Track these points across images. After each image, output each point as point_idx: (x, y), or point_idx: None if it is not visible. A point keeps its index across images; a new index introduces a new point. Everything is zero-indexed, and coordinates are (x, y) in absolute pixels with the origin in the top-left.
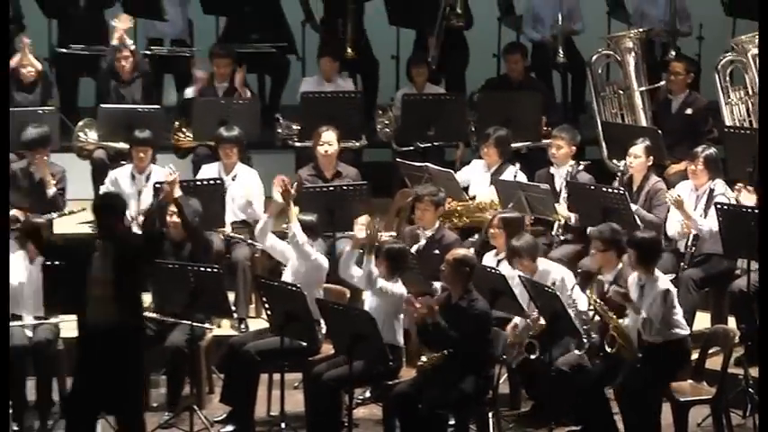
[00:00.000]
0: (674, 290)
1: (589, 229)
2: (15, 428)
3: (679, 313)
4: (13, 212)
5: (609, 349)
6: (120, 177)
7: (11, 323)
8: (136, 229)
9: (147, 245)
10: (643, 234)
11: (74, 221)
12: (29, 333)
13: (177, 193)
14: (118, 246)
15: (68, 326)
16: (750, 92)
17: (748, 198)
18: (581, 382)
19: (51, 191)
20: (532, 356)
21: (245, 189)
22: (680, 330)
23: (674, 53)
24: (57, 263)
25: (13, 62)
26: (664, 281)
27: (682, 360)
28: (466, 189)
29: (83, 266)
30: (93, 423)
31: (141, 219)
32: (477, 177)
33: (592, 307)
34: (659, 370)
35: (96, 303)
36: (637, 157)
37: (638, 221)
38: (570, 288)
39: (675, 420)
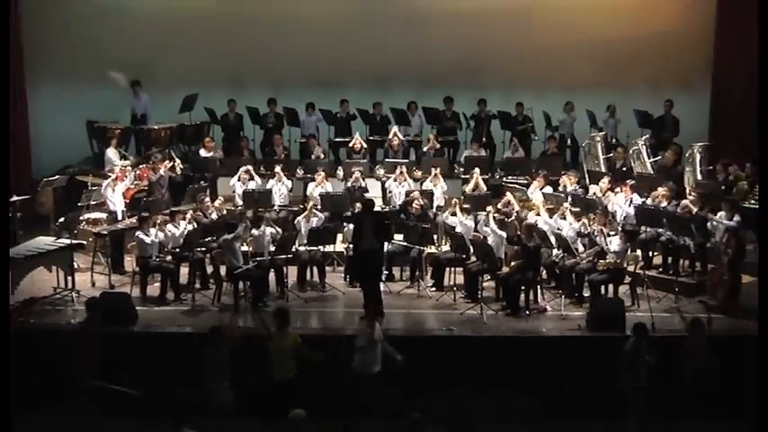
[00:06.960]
0: None
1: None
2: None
3: None
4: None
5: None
6: (392, 186)
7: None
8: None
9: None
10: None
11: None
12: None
13: (420, 200)
14: (375, 216)
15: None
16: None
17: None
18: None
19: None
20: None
21: (441, 192)
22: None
23: (614, 142)
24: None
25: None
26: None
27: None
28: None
29: (361, 222)
30: (373, 283)
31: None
32: (533, 191)
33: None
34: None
35: (367, 237)
36: (605, 182)
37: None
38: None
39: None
